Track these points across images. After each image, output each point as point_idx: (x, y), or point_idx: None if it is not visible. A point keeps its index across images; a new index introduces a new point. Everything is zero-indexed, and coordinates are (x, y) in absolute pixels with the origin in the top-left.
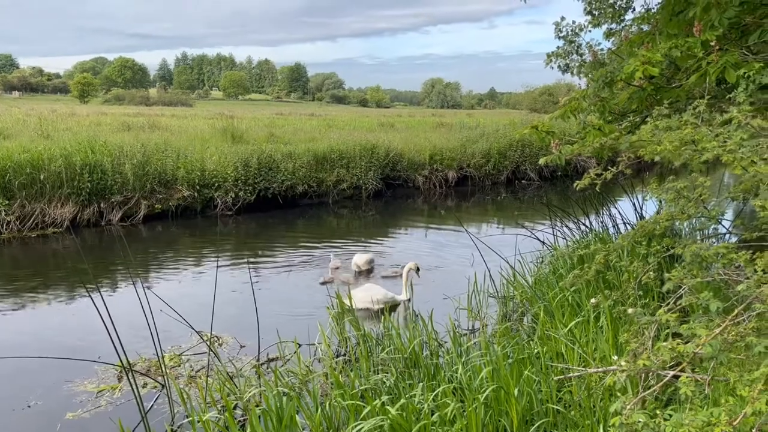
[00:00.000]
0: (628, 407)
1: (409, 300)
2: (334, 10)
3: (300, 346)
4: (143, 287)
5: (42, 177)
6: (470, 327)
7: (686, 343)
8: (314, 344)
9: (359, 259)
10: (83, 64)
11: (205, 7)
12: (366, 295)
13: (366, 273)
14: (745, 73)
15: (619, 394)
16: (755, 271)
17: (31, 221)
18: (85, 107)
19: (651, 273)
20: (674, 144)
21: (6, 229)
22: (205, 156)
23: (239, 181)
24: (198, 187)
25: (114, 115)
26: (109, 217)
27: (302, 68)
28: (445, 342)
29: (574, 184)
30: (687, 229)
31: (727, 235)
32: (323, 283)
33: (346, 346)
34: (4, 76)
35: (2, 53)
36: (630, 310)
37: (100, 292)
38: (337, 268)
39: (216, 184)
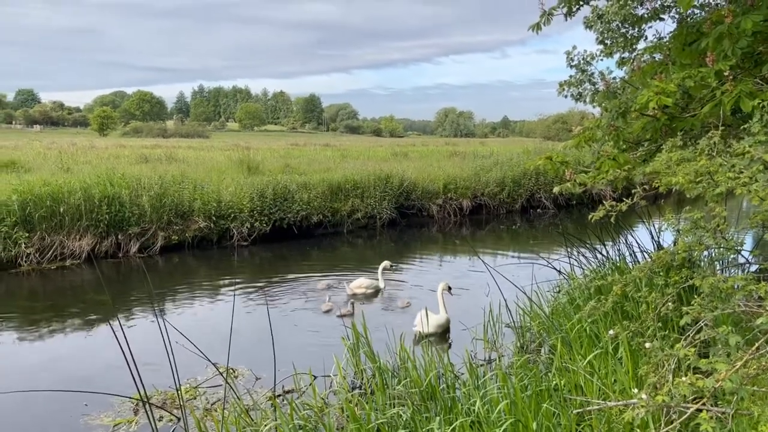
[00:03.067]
0: None
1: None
2: (347, 43)
3: (315, 378)
4: (160, 319)
5: (62, 210)
6: (487, 358)
7: (707, 377)
8: (329, 376)
9: (354, 284)
10: (103, 98)
11: (221, 41)
12: (430, 321)
13: (362, 298)
14: (760, 102)
15: (638, 430)
16: None
17: (50, 253)
18: (105, 140)
19: (670, 304)
20: (688, 177)
21: (26, 262)
22: (222, 187)
23: (255, 212)
24: (214, 218)
25: (132, 148)
26: (126, 249)
27: (317, 99)
28: (462, 374)
29: (589, 216)
30: (706, 259)
31: (747, 265)
32: (327, 311)
33: (362, 378)
34: (26, 110)
35: (24, 88)
36: (647, 345)
37: (120, 323)
38: (329, 287)
39: (232, 215)
